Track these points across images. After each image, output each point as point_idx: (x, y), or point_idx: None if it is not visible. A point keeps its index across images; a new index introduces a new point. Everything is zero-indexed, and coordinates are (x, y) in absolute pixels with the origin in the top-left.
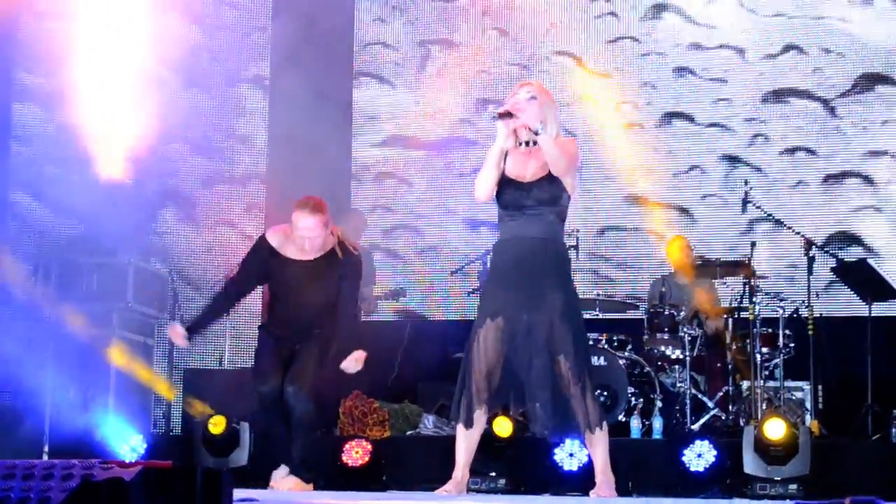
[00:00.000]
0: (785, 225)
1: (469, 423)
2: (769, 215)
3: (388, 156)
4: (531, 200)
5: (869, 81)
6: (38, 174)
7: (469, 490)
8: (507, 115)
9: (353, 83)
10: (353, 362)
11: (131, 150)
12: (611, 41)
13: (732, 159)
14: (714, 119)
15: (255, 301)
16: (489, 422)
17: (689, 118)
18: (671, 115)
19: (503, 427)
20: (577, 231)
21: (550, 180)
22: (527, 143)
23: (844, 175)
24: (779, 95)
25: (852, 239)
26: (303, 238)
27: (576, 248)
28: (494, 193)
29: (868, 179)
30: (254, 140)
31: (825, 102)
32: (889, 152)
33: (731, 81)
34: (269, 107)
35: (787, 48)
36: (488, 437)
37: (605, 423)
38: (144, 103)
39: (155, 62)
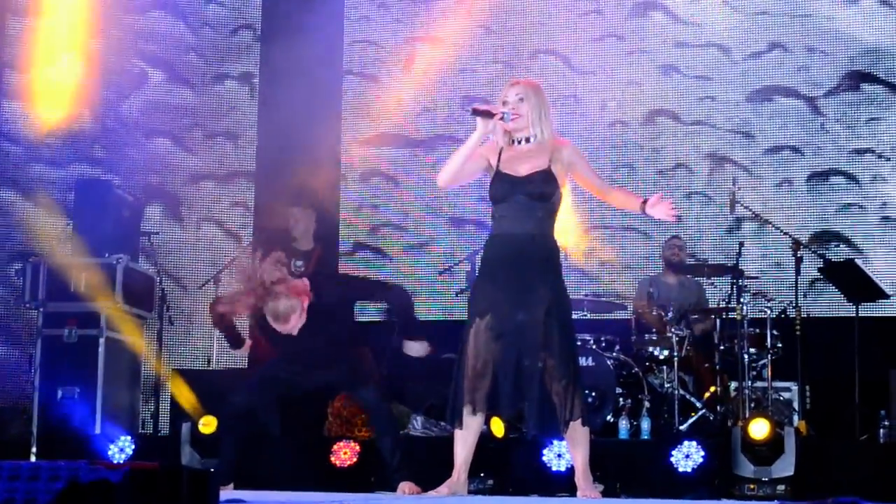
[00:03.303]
0: (773, 225)
1: (462, 425)
2: (757, 216)
3: (374, 154)
4: (522, 194)
5: (854, 80)
6: (26, 172)
7: None
8: (488, 114)
9: (341, 81)
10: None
11: (117, 147)
12: (596, 39)
13: (717, 158)
14: (699, 117)
15: None
16: (485, 422)
17: (675, 116)
18: (656, 113)
19: (498, 428)
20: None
21: (544, 177)
22: (522, 141)
23: (829, 173)
24: (764, 94)
25: (837, 237)
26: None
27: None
28: (453, 184)
29: (853, 178)
30: (241, 137)
31: (810, 101)
32: (874, 150)
33: (716, 79)
34: (257, 104)
35: (773, 46)
36: (482, 437)
37: (586, 422)
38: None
39: (141, 58)
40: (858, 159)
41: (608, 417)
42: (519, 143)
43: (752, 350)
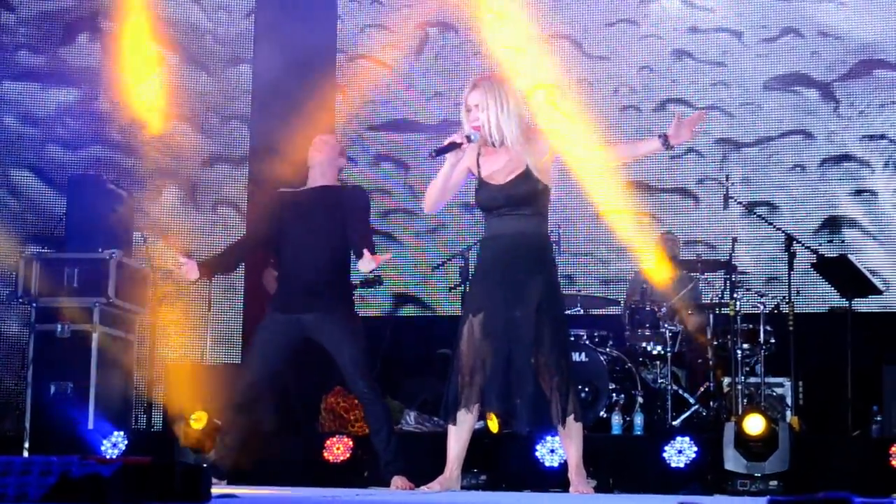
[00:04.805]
0: (766, 220)
1: (455, 421)
2: (751, 212)
3: (385, 138)
4: (505, 201)
5: (867, 65)
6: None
7: None
8: (453, 146)
9: (347, 64)
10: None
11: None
12: (609, 24)
13: (729, 143)
14: (711, 102)
15: (236, 296)
16: (483, 418)
17: (687, 102)
18: (668, 98)
19: (495, 424)
20: (560, 227)
21: (525, 179)
22: (494, 143)
23: (842, 159)
24: (776, 79)
25: (848, 222)
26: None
27: (557, 243)
28: (439, 206)
29: (865, 163)
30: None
31: (823, 86)
32: (886, 136)
33: (728, 65)
34: (252, 87)
35: (785, 31)
36: (478, 432)
37: (580, 417)
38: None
39: (157, 41)
40: (871, 145)
41: (601, 413)
42: (492, 144)
43: (745, 345)
